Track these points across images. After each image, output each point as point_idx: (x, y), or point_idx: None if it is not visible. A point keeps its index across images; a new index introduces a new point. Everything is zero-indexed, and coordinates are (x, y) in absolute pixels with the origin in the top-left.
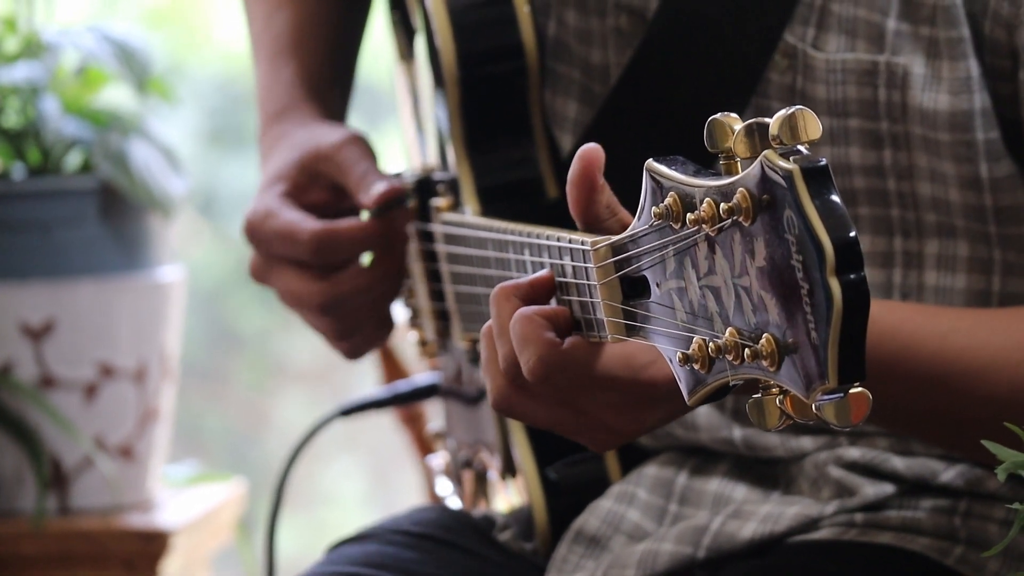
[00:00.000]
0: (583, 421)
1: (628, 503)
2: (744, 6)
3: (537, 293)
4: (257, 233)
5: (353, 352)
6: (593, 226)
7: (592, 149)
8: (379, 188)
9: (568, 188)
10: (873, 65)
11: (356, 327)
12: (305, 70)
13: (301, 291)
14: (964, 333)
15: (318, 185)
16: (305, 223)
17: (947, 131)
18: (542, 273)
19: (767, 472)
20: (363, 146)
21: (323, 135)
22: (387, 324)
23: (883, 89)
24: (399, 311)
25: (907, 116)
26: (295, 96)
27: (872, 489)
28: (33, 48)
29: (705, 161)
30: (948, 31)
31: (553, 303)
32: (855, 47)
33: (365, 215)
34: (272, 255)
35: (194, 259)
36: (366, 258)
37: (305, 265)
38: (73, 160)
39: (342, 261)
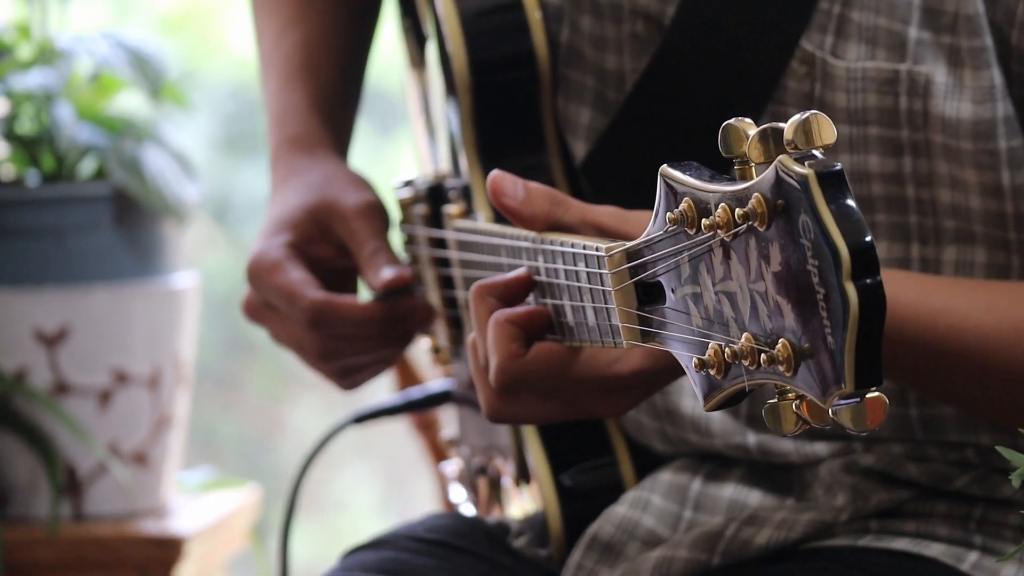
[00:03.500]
0: (571, 410)
1: (643, 509)
2: (761, 13)
3: (513, 292)
4: (259, 281)
5: (350, 386)
6: (558, 228)
7: (489, 180)
8: (386, 275)
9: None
10: (895, 74)
11: (355, 369)
12: (318, 93)
13: (301, 338)
14: (958, 312)
15: (326, 240)
16: (307, 290)
17: (970, 140)
18: (518, 271)
19: (781, 478)
20: (379, 217)
21: (341, 192)
22: (389, 365)
23: (904, 97)
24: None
25: (928, 124)
26: (310, 124)
27: (887, 495)
28: (47, 55)
29: (720, 167)
30: (971, 40)
31: (531, 301)
32: (876, 55)
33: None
34: (270, 305)
35: (208, 266)
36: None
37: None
38: (87, 167)
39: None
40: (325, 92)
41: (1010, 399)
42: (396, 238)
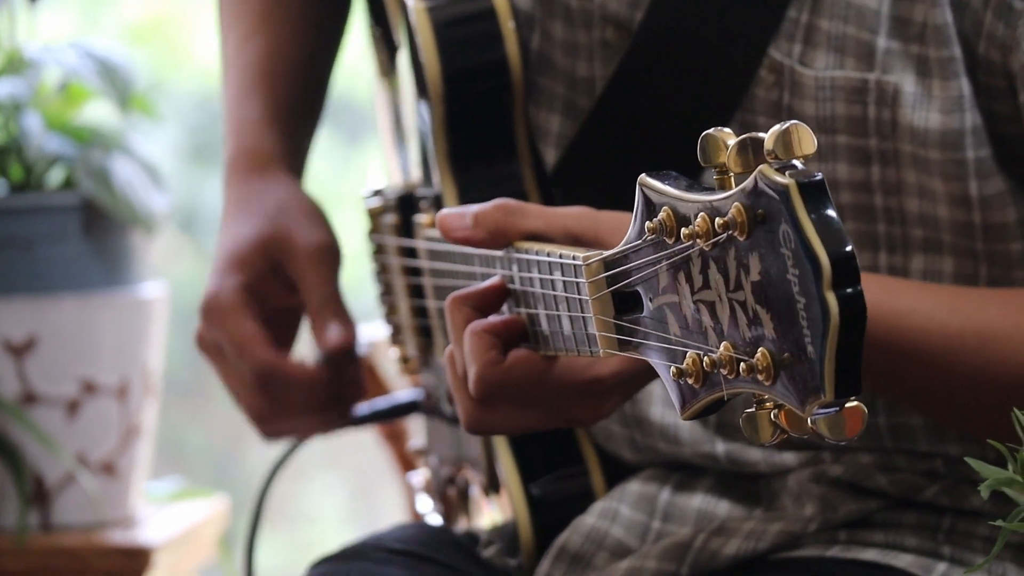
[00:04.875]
0: (550, 417)
1: (611, 520)
2: (729, 20)
3: (488, 301)
4: (212, 322)
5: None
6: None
7: (436, 223)
8: (333, 337)
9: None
10: (863, 83)
11: (282, 434)
12: (276, 105)
13: (238, 393)
14: (923, 314)
15: (276, 277)
16: (256, 347)
17: (938, 149)
18: (492, 280)
19: (750, 488)
20: (330, 259)
21: (294, 225)
22: (313, 435)
23: (873, 107)
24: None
25: (897, 134)
26: (265, 138)
27: (855, 505)
28: (15, 64)
29: (691, 175)
30: (939, 50)
31: (505, 310)
32: (844, 64)
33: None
34: (219, 348)
35: (176, 275)
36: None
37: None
38: (55, 176)
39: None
40: (283, 103)
41: (975, 405)
42: (365, 248)
